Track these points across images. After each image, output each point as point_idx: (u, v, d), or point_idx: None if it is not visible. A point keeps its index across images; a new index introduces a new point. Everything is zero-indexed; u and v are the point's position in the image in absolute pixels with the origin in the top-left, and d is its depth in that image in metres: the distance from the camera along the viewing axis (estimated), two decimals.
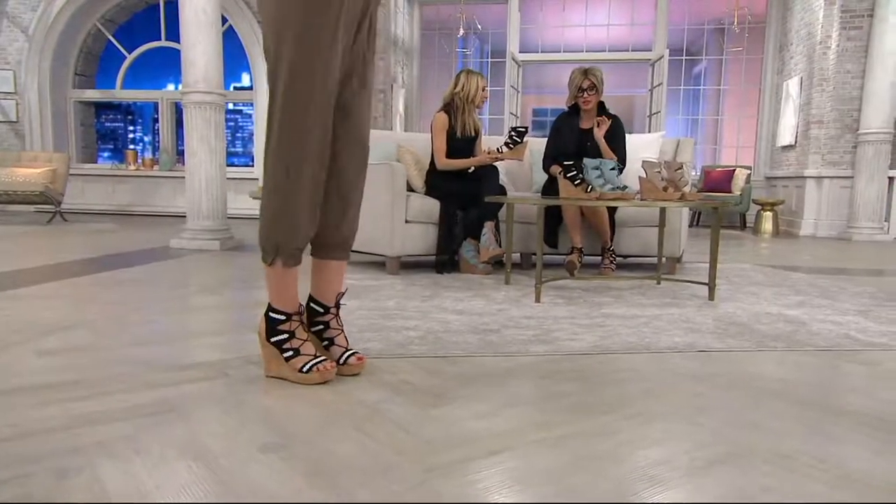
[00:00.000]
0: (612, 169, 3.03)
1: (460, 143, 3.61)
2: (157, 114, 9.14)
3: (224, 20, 8.45)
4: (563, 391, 1.58)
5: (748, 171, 8.34)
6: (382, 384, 1.60)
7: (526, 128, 3.50)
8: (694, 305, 2.74)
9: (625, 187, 3.04)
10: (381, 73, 8.14)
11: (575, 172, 2.94)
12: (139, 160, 9.20)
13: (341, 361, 1.66)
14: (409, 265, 3.85)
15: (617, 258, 3.72)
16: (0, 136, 8.77)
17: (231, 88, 9.46)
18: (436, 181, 3.63)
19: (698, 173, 9.02)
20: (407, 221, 3.49)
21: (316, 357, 1.60)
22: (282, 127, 1.48)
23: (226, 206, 4.74)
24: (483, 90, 3.60)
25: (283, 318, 1.60)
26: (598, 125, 3.56)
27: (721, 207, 2.96)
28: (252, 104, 8.66)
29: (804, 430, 1.34)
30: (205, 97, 4.47)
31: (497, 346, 1.99)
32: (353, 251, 3.79)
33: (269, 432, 1.26)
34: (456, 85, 3.60)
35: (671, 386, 1.64)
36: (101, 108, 9.52)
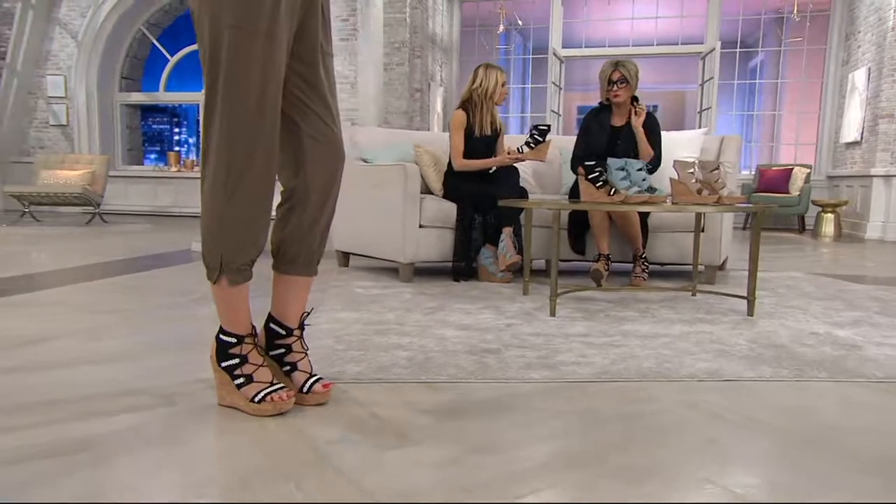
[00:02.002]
0: (640, 170, 2.75)
1: (479, 143, 3.39)
2: (200, 115, 9.26)
3: None
4: (550, 432, 1.35)
5: (808, 170, 7.79)
6: (344, 417, 1.41)
7: (548, 126, 3.25)
8: (729, 322, 2.44)
9: (654, 189, 2.77)
10: (417, 72, 7.98)
11: (597, 173, 2.69)
12: (181, 162, 9.33)
13: (304, 389, 1.47)
14: (425, 271, 3.65)
15: (650, 266, 3.42)
16: (52, 140, 9.04)
17: None
18: (453, 183, 3.42)
19: (753, 172, 8.50)
20: (421, 226, 3.29)
21: (272, 384, 1.42)
22: (221, 129, 1.31)
23: None
24: (503, 86, 3.37)
25: (233, 340, 1.43)
26: (636, 114, 3.27)
27: (763, 212, 2.65)
28: None
29: (839, 495, 1.07)
30: None
31: (491, 371, 1.77)
32: (365, 256, 3.66)
33: (188, 483, 1.09)
34: (474, 80, 3.38)
35: (683, 427, 1.39)
36: (147, 110, 9.74)
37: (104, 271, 3.51)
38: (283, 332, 1.51)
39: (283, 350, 1.51)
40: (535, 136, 3.23)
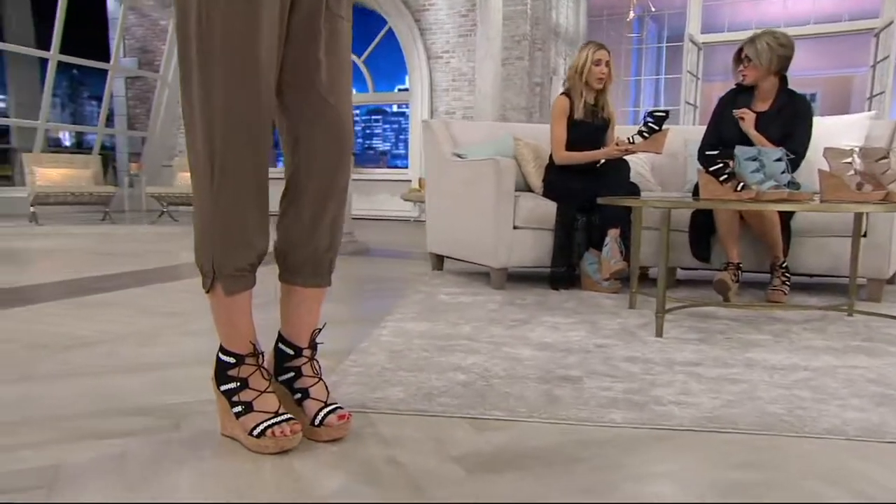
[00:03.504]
0: (778, 160, 2.24)
1: (583, 132, 2.99)
2: None
3: (383, 22, 8.52)
4: None
5: None
6: (357, 461, 1.14)
7: (666, 112, 2.78)
8: None
9: (797, 185, 2.24)
10: (538, 66, 7.61)
11: (721, 165, 2.22)
12: None
13: (316, 422, 1.23)
14: (522, 277, 3.31)
15: (792, 278, 2.83)
16: (182, 145, 9.71)
17: (395, 90, 9.56)
18: (553, 179, 3.05)
19: None
20: (516, 227, 2.96)
21: (277, 415, 1.19)
22: (202, 110, 1.11)
23: (350, 207, 4.58)
24: (597, 64, 2.94)
25: (231, 361, 1.21)
26: (742, 119, 2.76)
27: None
28: (408, 104, 8.64)
29: None
30: None
31: (561, 407, 1.42)
32: (458, 260, 3.38)
33: None
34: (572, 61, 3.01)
35: None
36: None
37: (188, 272, 3.53)
38: (292, 353, 1.27)
39: (292, 374, 1.27)
40: (650, 124, 2.78)
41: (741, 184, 2.18)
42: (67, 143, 12.43)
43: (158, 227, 6.51)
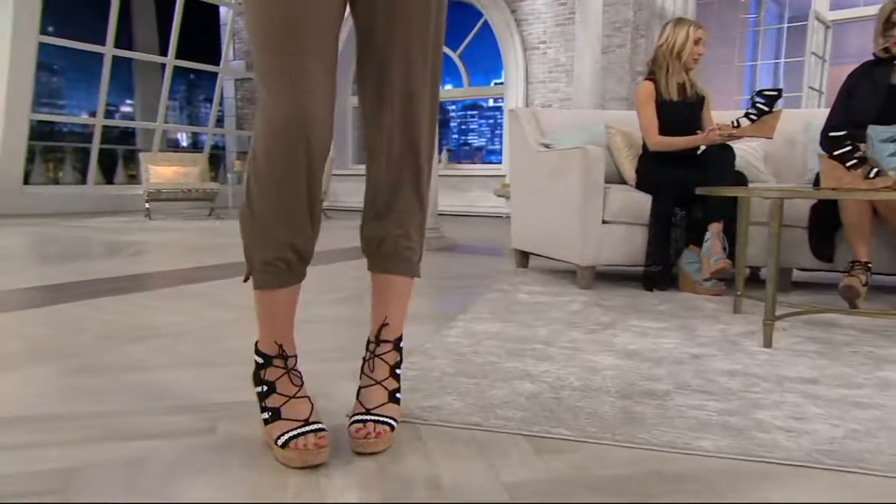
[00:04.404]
0: None
1: (675, 112, 2.68)
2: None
3: (479, 15, 8.37)
4: None
5: None
6: (394, 481, 1.01)
7: (779, 91, 2.43)
8: None
9: None
10: (640, 53, 7.17)
11: (850, 148, 1.89)
12: None
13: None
14: (611, 276, 3.05)
15: None
16: None
17: (492, 84, 9.38)
18: (647, 168, 2.77)
19: None
20: (604, 222, 2.72)
21: (307, 423, 1.07)
22: (258, 93, 1.09)
23: (436, 203, 4.47)
24: (697, 43, 2.63)
25: (261, 361, 1.11)
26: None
27: None
28: (503, 99, 8.45)
29: None
30: None
31: (640, 428, 1.21)
32: (541, 256, 3.17)
33: None
34: (660, 38, 2.72)
35: None
36: None
37: None
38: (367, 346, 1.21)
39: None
40: (759, 105, 2.44)
41: (874, 169, 1.84)
42: (184, 144, 13.29)
43: None
